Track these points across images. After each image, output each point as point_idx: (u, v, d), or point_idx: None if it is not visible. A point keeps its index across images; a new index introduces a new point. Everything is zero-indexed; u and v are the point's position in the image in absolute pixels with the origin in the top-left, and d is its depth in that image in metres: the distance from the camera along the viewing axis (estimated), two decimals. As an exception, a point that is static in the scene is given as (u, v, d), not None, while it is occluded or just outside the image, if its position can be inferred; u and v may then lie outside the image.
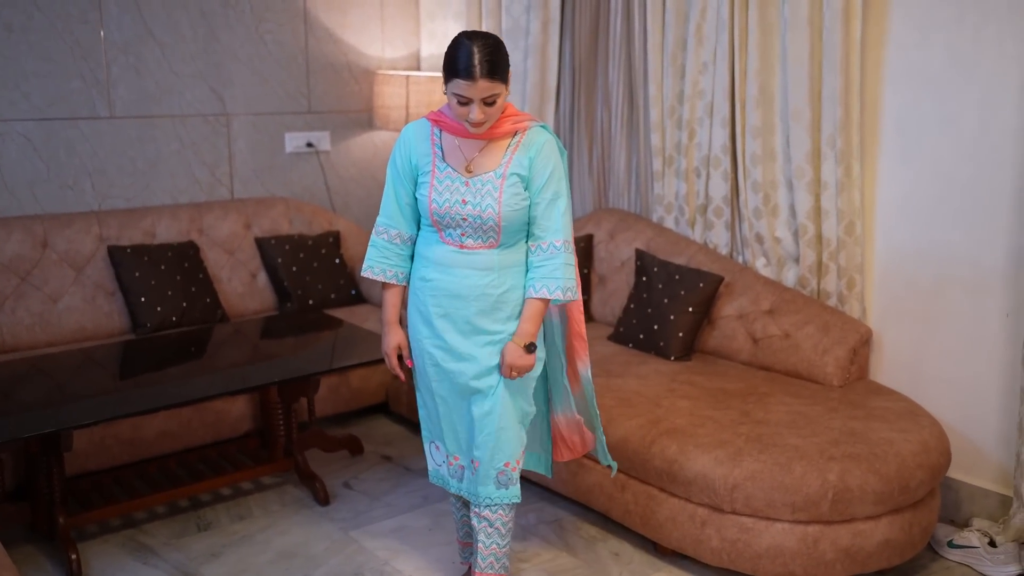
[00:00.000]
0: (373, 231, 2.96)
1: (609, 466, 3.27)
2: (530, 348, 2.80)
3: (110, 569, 3.41)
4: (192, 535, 3.65)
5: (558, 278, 2.78)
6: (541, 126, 2.84)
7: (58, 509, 3.43)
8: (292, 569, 3.41)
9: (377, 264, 2.94)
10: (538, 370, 2.94)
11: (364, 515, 3.80)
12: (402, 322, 3.03)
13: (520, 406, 2.91)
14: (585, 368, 3.06)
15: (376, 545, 3.57)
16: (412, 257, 2.97)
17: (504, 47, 2.69)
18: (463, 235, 2.80)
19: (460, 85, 2.63)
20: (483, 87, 2.63)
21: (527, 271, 2.86)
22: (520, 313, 2.85)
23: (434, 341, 2.90)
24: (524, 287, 2.85)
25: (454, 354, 2.87)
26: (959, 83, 3.53)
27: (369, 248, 2.96)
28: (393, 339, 2.98)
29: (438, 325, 2.87)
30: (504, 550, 2.97)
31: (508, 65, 2.69)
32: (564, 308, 3.00)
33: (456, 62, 2.63)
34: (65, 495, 3.49)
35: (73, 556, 3.33)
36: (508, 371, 2.81)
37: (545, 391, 3.13)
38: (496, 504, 2.91)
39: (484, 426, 2.87)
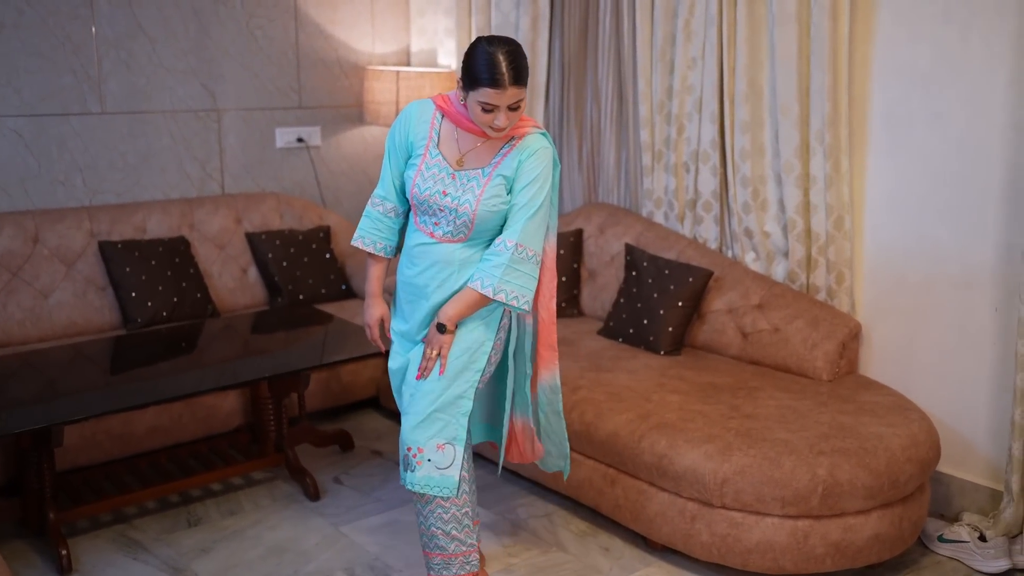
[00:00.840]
0: (369, 202, 3.01)
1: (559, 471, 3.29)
2: (440, 328, 2.81)
3: (100, 564, 3.41)
4: (183, 530, 3.66)
5: (494, 276, 2.75)
6: (542, 133, 2.84)
7: (48, 504, 3.43)
8: (283, 564, 3.41)
9: (368, 235, 3.01)
10: (479, 364, 2.88)
11: (355, 510, 3.81)
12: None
13: (447, 392, 2.84)
14: (552, 378, 3.04)
15: (367, 540, 3.58)
16: (402, 231, 3.02)
17: (523, 51, 2.71)
18: (436, 224, 2.83)
19: (488, 94, 2.62)
20: (511, 94, 2.64)
21: None
22: (477, 313, 2.87)
23: (400, 322, 3.00)
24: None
25: (414, 340, 2.96)
26: (947, 79, 3.54)
27: (363, 218, 3.01)
28: (376, 311, 3.07)
29: (405, 307, 2.96)
30: (424, 544, 2.96)
31: (528, 69, 2.71)
32: (536, 315, 2.99)
33: (481, 71, 2.62)
34: (56, 490, 3.49)
35: (63, 551, 3.33)
36: (427, 348, 2.85)
37: (504, 391, 3.10)
38: (402, 483, 2.89)
39: (401, 404, 2.96)
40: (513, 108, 2.68)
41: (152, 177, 4.87)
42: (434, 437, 2.84)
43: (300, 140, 5.35)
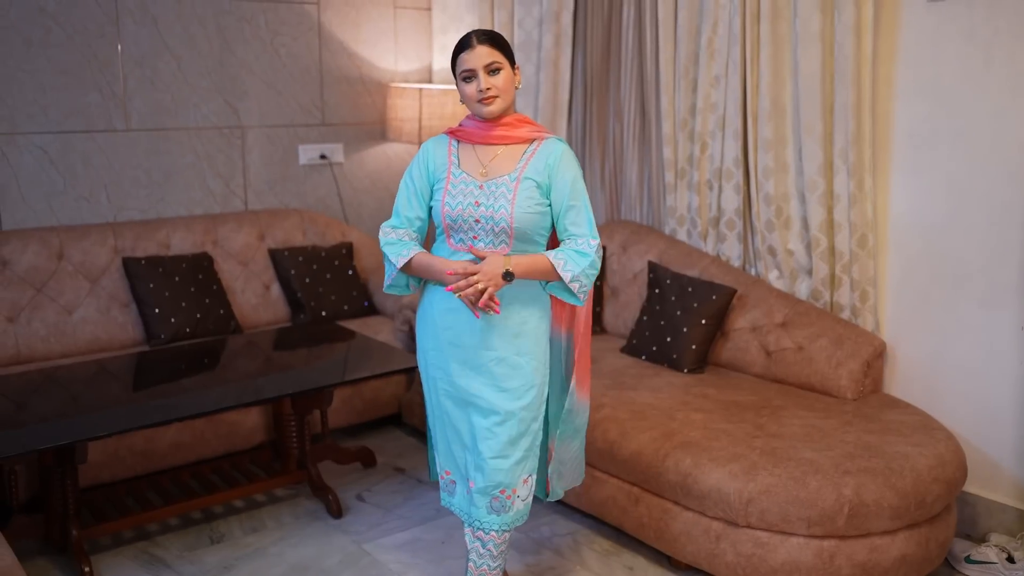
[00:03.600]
0: (381, 234, 2.93)
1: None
2: (507, 275, 2.71)
3: (124, 581, 3.42)
4: (205, 547, 3.66)
5: (578, 265, 2.76)
6: (557, 139, 2.86)
7: (72, 521, 3.44)
8: (305, 581, 3.42)
9: (399, 252, 2.86)
10: (544, 391, 2.91)
11: (377, 528, 3.80)
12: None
13: (529, 430, 2.86)
14: (586, 398, 3.05)
15: (389, 558, 3.57)
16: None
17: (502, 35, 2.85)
18: (475, 238, 2.81)
19: (463, 59, 2.77)
20: (482, 52, 2.75)
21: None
22: (529, 343, 2.85)
23: (437, 355, 2.92)
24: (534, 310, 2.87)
25: (460, 372, 2.88)
26: (970, 97, 3.53)
27: (387, 250, 2.89)
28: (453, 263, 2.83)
29: (442, 337, 2.89)
30: (494, 572, 2.94)
31: (510, 47, 2.82)
32: (572, 333, 2.99)
33: (457, 45, 2.81)
34: (79, 507, 3.50)
35: (86, 569, 3.34)
36: (468, 282, 2.69)
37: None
38: (485, 528, 2.88)
39: (482, 451, 2.84)
40: (492, 72, 2.76)
41: (176, 194, 4.90)
42: (522, 473, 2.88)
43: (323, 157, 5.37)
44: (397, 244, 2.89)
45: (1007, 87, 3.43)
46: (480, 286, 2.68)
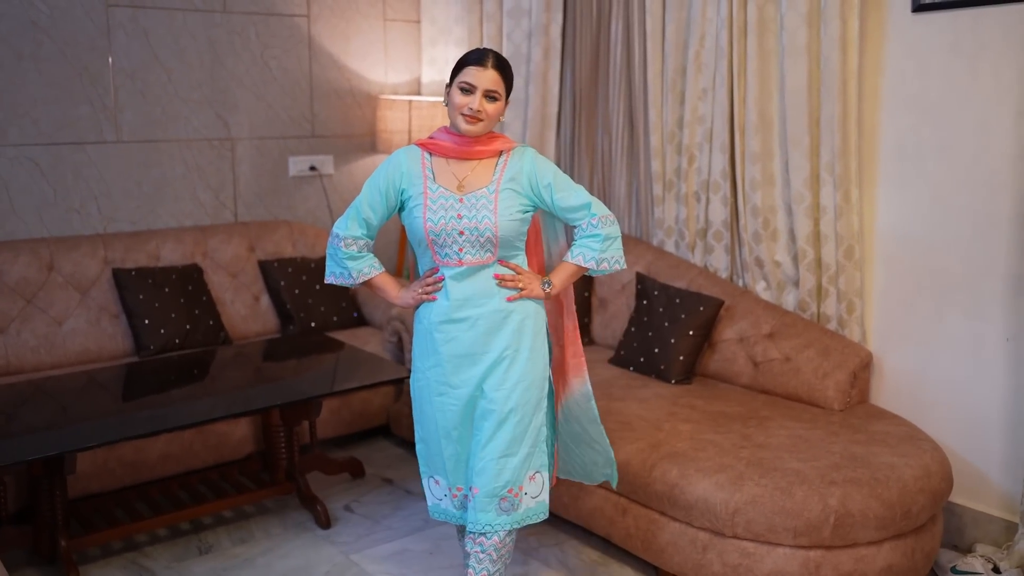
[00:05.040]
0: (330, 244, 2.95)
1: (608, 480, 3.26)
2: (544, 284, 2.90)
3: (112, 592, 3.42)
4: (193, 558, 3.66)
5: (594, 250, 2.88)
6: (523, 146, 2.92)
7: (60, 532, 3.44)
8: (294, 592, 3.42)
9: (355, 268, 2.95)
10: (546, 390, 2.94)
11: (365, 538, 3.81)
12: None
13: (531, 426, 2.87)
14: (583, 385, 3.06)
15: (377, 569, 3.57)
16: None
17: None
18: (460, 250, 2.82)
19: (470, 72, 2.78)
20: (491, 76, 2.78)
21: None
22: (528, 340, 2.88)
23: (438, 371, 2.91)
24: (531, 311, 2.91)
25: (465, 382, 2.88)
26: (956, 110, 3.56)
27: (333, 260, 2.95)
28: (407, 291, 2.97)
29: (443, 352, 2.88)
30: None
31: (512, 80, 2.87)
32: (561, 322, 3.04)
33: (469, 55, 2.82)
34: (67, 518, 3.50)
35: (75, 579, 3.34)
36: (514, 278, 2.87)
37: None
38: (493, 531, 2.88)
39: (487, 452, 2.85)
40: (490, 99, 2.79)
41: (166, 205, 4.91)
42: (529, 470, 2.89)
43: (313, 168, 5.39)
44: (360, 259, 2.94)
45: (992, 99, 3.46)
46: (519, 284, 2.86)
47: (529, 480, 2.89)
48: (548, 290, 2.90)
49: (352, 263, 2.93)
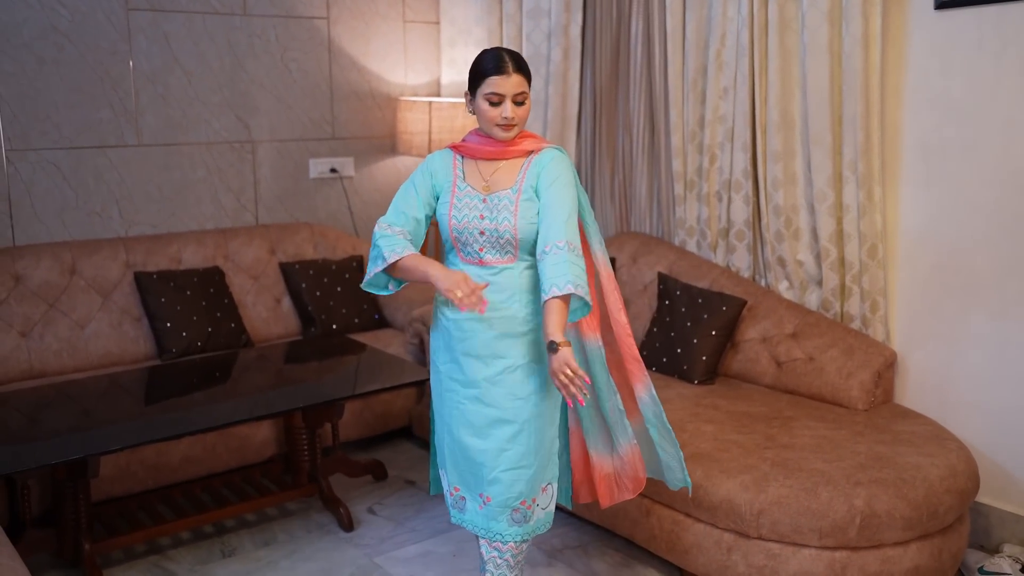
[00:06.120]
0: (377, 228, 2.86)
1: (685, 487, 3.14)
2: (551, 347, 2.62)
3: (136, 594, 3.43)
4: (217, 561, 3.67)
5: (565, 275, 2.66)
6: (556, 148, 2.88)
7: (84, 535, 3.45)
8: (317, 594, 3.42)
9: (390, 247, 2.79)
10: (557, 399, 2.91)
11: (388, 541, 3.80)
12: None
13: (546, 438, 2.86)
14: (647, 390, 2.97)
15: (401, 571, 3.57)
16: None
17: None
18: (481, 250, 2.82)
19: (494, 82, 2.75)
20: (516, 81, 2.76)
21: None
22: (543, 344, 2.83)
23: (452, 367, 2.91)
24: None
25: (474, 383, 2.86)
26: (980, 107, 3.53)
27: (378, 241, 2.83)
28: (454, 272, 2.73)
29: (457, 350, 2.88)
30: None
31: (531, 73, 2.84)
32: (610, 332, 2.98)
33: (487, 64, 2.77)
34: (91, 521, 3.51)
35: (100, 582, 3.35)
36: (558, 377, 2.63)
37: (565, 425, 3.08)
38: (505, 540, 2.87)
39: (500, 462, 2.83)
40: (518, 102, 2.77)
41: (187, 208, 4.93)
42: (542, 482, 2.88)
43: (333, 171, 5.40)
44: (392, 239, 2.82)
45: (1017, 96, 3.43)
46: (570, 373, 2.58)
47: (541, 492, 2.89)
48: (558, 348, 2.61)
49: (385, 241, 2.80)
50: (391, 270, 2.83)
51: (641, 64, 4.68)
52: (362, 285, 2.91)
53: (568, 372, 2.58)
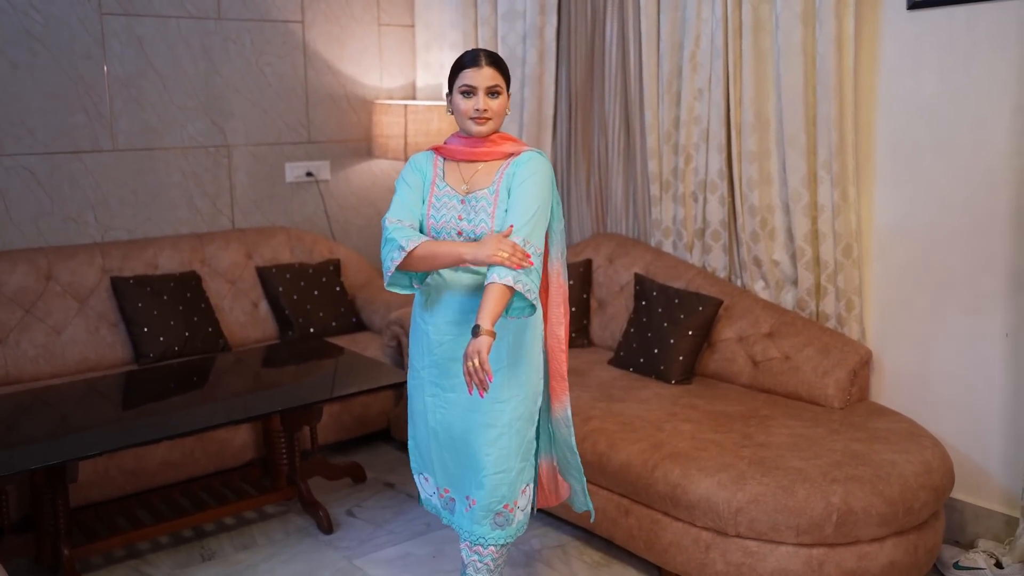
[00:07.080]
0: (386, 221, 2.82)
1: (588, 511, 3.20)
2: (474, 330, 2.56)
3: (115, 600, 3.42)
4: (196, 565, 3.66)
5: (510, 269, 2.62)
6: (534, 151, 2.87)
7: (63, 540, 3.43)
8: (297, 598, 3.41)
9: (406, 239, 2.73)
10: (539, 404, 2.93)
11: (368, 543, 3.80)
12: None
13: (525, 440, 2.88)
14: (563, 411, 2.99)
15: (380, 573, 3.57)
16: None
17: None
18: None
19: (467, 74, 2.79)
20: (488, 74, 2.78)
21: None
22: (526, 351, 2.86)
23: (433, 371, 2.91)
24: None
25: (454, 387, 2.86)
26: (952, 107, 3.57)
27: (392, 234, 2.77)
28: (485, 240, 2.71)
29: (437, 353, 2.89)
30: None
31: (509, 73, 2.86)
32: (544, 345, 2.97)
33: (463, 59, 2.83)
34: (70, 526, 3.49)
35: (78, 588, 3.34)
36: (468, 360, 2.58)
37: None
38: (487, 544, 2.89)
39: (484, 466, 2.84)
40: (492, 94, 2.80)
41: (163, 213, 4.91)
42: (521, 484, 2.90)
43: (309, 174, 5.39)
44: (405, 230, 2.77)
45: (988, 96, 3.47)
46: (477, 362, 2.53)
47: (521, 493, 2.91)
48: (480, 333, 2.55)
49: (399, 233, 2.75)
50: (408, 264, 2.74)
51: (616, 66, 4.71)
52: (386, 286, 2.82)
53: (475, 363, 2.52)
